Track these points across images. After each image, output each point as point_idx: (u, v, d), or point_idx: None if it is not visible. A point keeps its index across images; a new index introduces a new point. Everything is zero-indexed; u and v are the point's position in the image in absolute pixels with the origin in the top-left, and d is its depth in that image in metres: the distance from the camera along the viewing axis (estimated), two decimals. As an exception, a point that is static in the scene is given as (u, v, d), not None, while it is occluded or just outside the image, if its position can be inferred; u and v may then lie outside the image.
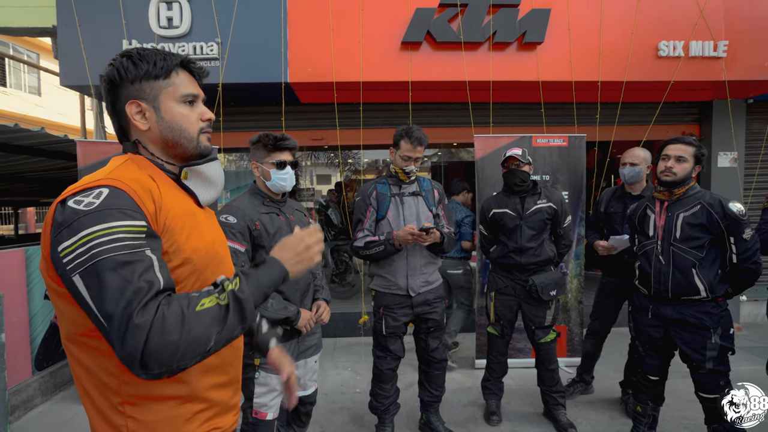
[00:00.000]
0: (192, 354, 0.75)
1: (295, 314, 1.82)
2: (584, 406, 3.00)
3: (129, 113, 0.92)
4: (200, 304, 0.77)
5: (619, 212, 2.84)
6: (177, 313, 0.73)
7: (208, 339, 0.76)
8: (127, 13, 3.74)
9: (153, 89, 0.92)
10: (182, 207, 0.92)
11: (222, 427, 0.96)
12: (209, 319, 0.76)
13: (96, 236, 0.73)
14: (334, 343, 4.42)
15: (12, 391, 2.80)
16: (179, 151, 0.96)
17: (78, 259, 0.72)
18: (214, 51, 3.79)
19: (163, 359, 0.71)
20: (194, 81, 0.99)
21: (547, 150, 3.57)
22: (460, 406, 3.03)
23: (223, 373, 0.97)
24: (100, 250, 0.72)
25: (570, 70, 3.95)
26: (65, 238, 0.74)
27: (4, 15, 4.01)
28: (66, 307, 0.82)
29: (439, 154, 7.21)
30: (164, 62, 0.93)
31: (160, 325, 0.71)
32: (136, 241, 0.76)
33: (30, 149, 3.69)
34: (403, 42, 3.89)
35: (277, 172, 1.83)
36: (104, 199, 0.77)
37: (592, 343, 3.07)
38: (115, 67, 0.91)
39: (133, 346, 0.69)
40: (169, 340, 0.71)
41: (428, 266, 2.43)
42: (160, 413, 0.86)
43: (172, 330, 0.72)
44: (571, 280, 3.65)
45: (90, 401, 0.86)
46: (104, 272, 0.71)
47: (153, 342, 0.70)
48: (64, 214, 0.75)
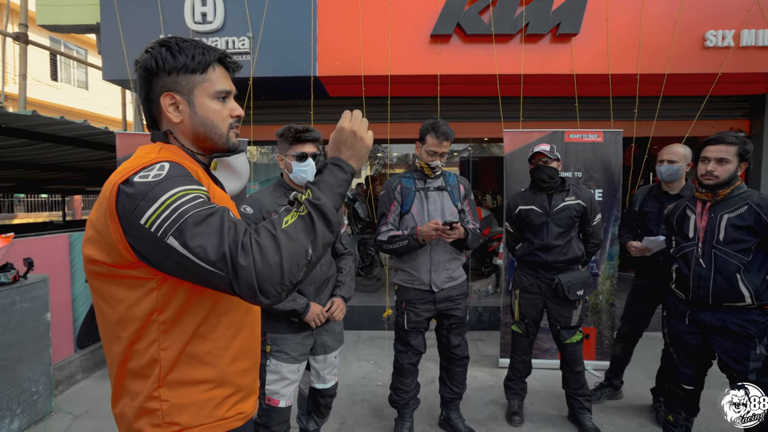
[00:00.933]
0: (297, 267, 0.79)
1: (303, 307, 1.82)
2: (612, 411, 2.90)
3: (163, 105, 0.93)
4: (284, 222, 0.81)
5: (655, 212, 2.71)
6: (269, 237, 0.77)
7: (305, 249, 0.80)
8: (164, 9, 3.87)
9: (189, 83, 0.93)
10: (215, 192, 0.97)
11: (245, 411, 0.99)
12: (298, 232, 0.80)
13: (175, 198, 0.77)
14: (358, 335, 4.46)
15: (56, 367, 2.99)
16: (209, 145, 0.98)
17: (166, 222, 0.75)
18: (245, 45, 3.86)
19: (275, 280, 0.76)
20: (228, 76, 0.99)
21: (580, 146, 3.44)
22: (482, 405, 3.00)
23: (247, 358, 1.00)
24: (184, 209, 0.76)
25: (607, 62, 3.79)
26: (146, 207, 0.76)
27: (53, 13, 4.24)
28: (124, 292, 0.83)
29: (470, 149, 7.09)
30: (203, 57, 0.93)
31: (259, 254, 0.75)
32: (209, 201, 0.81)
33: (74, 140, 3.90)
34: (432, 35, 3.83)
35: (298, 164, 1.85)
36: (169, 170, 0.81)
37: (621, 347, 2.96)
38: (152, 55, 0.91)
39: (247, 280, 0.74)
40: (272, 263, 0.76)
41: (452, 262, 2.41)
42: (195, 396, 0.89)
43: (271, 253, 0.76)
44: (604, 281, 3.52)
45: (124, 387, 0.89)
46: (196, 226, 0.75)
47: (260, 270, 0.75)
48: (135, 189, 0.77)
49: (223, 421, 0.92)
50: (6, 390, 2.45)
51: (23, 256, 2.61)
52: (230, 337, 0.94)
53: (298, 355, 1.88)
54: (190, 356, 0.88)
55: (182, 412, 0.87)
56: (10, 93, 11.16)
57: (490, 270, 5.52)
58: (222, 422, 0.92)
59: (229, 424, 0.94)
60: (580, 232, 2.66)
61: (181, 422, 0.87)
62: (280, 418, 1.85)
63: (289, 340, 1.86)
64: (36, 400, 2.65)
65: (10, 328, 2.47)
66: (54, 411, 2.81)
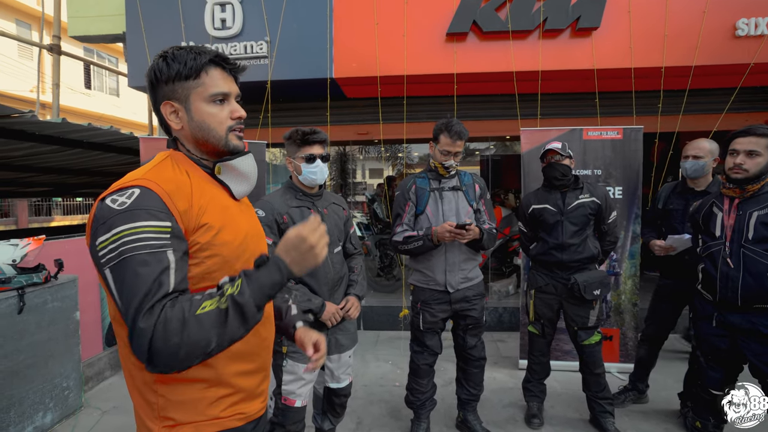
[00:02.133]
0: (193, 355, 0.80)
1: (319, 307, 1.84)
2: (637, 416, 2.81)
3: (164, 113, 0.96)
4: (201, 307, 0.81)
5: (680, 209, 2.61)
6: (178, 317, 0.78)
7: (208, 342, 0.80)
8: (185, 17, 3.98)
9: (184, 89, 0.95)
10: (216, 202, 0.96)
11: (246, 413, 1.00)
12: (209, 323, 0.80)
13: (124, 234, 0.79)
14: (377, 335, 4.47)
15: (86, 364, 3.12)
16: (210, 148, 1.00)
17: (109, 255, 0.80)
18: (263, 49, 3.93)
19: (166, 360, 0.77)
20: (228, 78, 1.00)
21: (599, 143, 3.35)
22: (501, 407, 2.96)
23: (249, 361, 1.00)
24: (126, 248, 0.79)
25: (629, 56, 3.67)
26: (101, 233, 0.81)
27: (83, 24, 4.42)
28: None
29: (492, 147, 7.00)
30: (194, 62, 0.94)
31: (162, 329, 0.76)
32: (160, 241, 0.82)
33: (103, 146, 4.06)
34: (448, 33, 3.81)
35: (307, 166, 1.86)
36: (135, 200, 0.83)
37: (646, 350, 2.86)
38: (152, 68, 0.96)
39: (140, 347, 0.76)
40: (170, 343, 0.76)
41: (467, 262, 2.38)
42: (188, 394, 0.91)
43: (173, 333, 0.77)
44: (626, 280, 3.42)
45: (130, 377, 0.93)
46: (126, 269, 0.78)
47: (156, 345, 0.76)
48: (102, 212, 0.82)
49: (217, 420, 0.94)
50: (39, 385, 2.58)
51: (54, 257, 2.73)
52: None
53: None
54: None
55: (176, 407, 0.90)
56: (46, 101, 11.71)
57: (511, 270, 5.44)
58: (217, 421, 0.94)
59: (226, 423, 0.95)
60: (596, 230, 2.60)
61: (175, 417, 0.90)
62: (295, 417, 1.87)
63: None
64: (67, 395, 2.78)
65: (42, 326, 2.60)
66: (84, 406, 2.93)
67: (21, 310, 2.44)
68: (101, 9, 4.37)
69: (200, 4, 3.95)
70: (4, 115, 2.74)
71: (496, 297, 4.92)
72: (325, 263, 1.91)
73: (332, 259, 1.95)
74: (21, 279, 2.48)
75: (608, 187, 3.35)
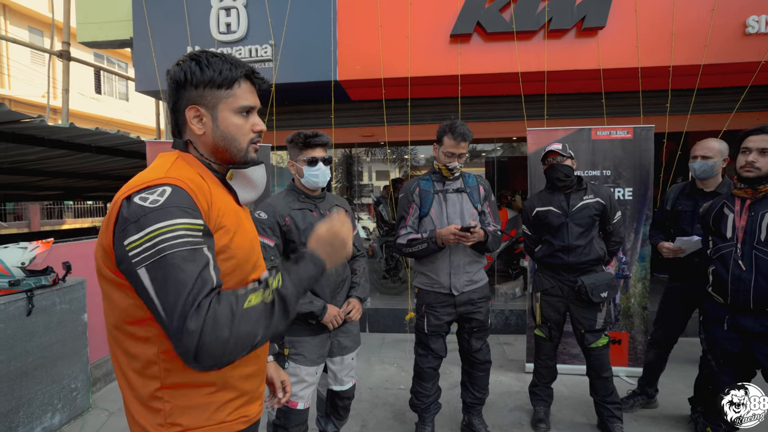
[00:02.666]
0: (241, 348, 0.79)
1: (321, 309, 1.83)
2: (646, 421, 2.76)
3: (188, 117, 0.95)
4: (247, 301, 0.81)
5: (689, 211, 2.56)
6: (227, 312, 0.77)
7: (255, 334, 0.81)
8: (191, 21, 4.02)
9: (214, 97, 0.94)
10: (229, 206, 0.97)
11: (249, 415, 1.00)
12: (257, 316, 0.81)
13: (161, 232, 0.77)
14: (382, 338, 4.45)
15: (93, 365, 3.14)
16: (227, 157, 0.99)
17: (145, 253, 0.77)
18: (268, 53, 3.96)
19: (215, 354, 0.76)
20: (254, 91, 1.01)
21: (608, 143, 3.31)
22: (507, 411, 2.92)
23: (252, 363, 1.01)
24: (166, 246, 0.77)
25: (636, 55, 3.63)
26: (132, 232, 0.78)
27: (91, 31, 4.49)
28: (119, 297, 0.86)
29: (499, 149, 6.96)
30: (230, 72, 0.94)
31: (211, 324, 0.75)
32: (196, 239, 0.81)
33: (110, 150, 4.11)
34: (452, 35, 3.80)
35: (309, 169, 1.86)
36: (168, 197, 0.81)
37: (655, 353, 2.81)
38: (182, 68, 0.94)
39: (188, 344, 0.75)
40: (220, 338, 0.76)
41: (472, 265, 2.36)
42: (195, 399, 0.90)
43: (223, 328, 0.76)
44: (635, 283, 3.37)
45: (128, 385, 0.91)
46: (168, 267, 0.76)
47: (205, 340, 0.75)
48: (131, 210, 0.79)
49: (224, 424, 0.94)
50: (48, 386, 2.60)
51: (62, 260, 2.76)
52: None
53: (316, 358, 1.90)
54: None
55: (184, 413, 0.89)
56: (57, 106, 11.91)
57: (518, 272, 5.39)
58: (223, 425, 0.93)
59: (231, 427, 0.95)
60: (601, 231, 2.57)
61: (183, 423, 0.89)
62: (298, 419, 1.87)
63: (306, 343, 1.88)
64: (75, 396, 2.80)
65: (51, 327, 2.63)
66: (91, 407, 2.95)
67: (30, 312, 2.47)
68: (109, 15, 4.43)
69: (206, 9, 3.99)
70: (14, 120, 2.78)
71: (502, 299, 4.88)
72: None
73: None
74: (30, 281, 2.51)
75: (618, 188, 3.31)
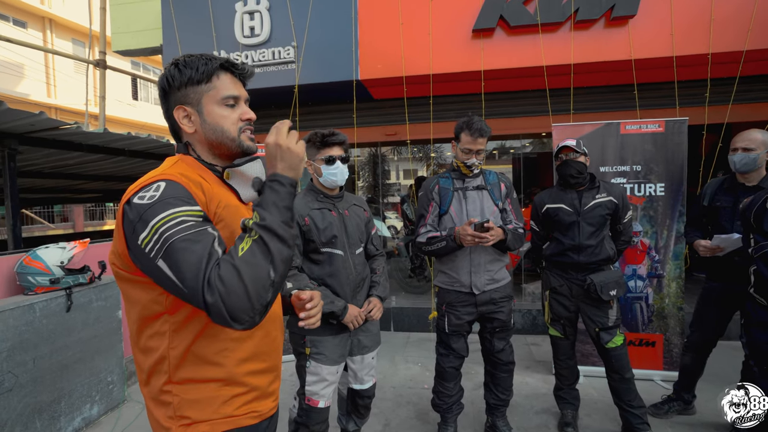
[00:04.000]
0: (263, 289, 0.81)
1: (342, 309, 1.84)
2: (682, 428, 2.63)
3: (177, 117, 0.99)
4: (240, 249, 0.83)
5: (729, 207, 2.42)
6: (229, 269, 0.80)
7: (266, 271, 0.82)
8: (217, 27, 4.13)
9: (196, 93, 0.99)
10: (230, 202, 1.00)
11: (259, 411, 1.02)
12: (254, 257, 0.82)
13: (163, 222, 0.82)
14: (407, 337, 4.44)
15: (128, 360, 3.29)
16: (224, 150, 1.02)
17: (156, 246, 0.81)
18: (290, 55, 4.01)
19: (244, 307, 0.79)
20: (237, 82, 1.04)
21: (638, 137, 3.16)
22: (533, 413, 2.85)
23: (260, 360, 1.02)
24: (170, 233, 0.81)
25: (670, 43, 3.45)
26: (140, 230, 0.82)
27: (124, 40, 4.69)
28: (138, 294, 0.91)
29: (527, 145, 6.80)
30: (205, 67, 0.98)
31: (223, 288, 0.78)
32: (197, 221, 0.85)
33: (142, 153, 4.28)
34: (474, 30, 3.73)
35: (327, 168, 1.87)
36: (163, 191, 0.86)
37: (691, 357, 2.67)
38: (165, 75, 0.99)
39: (218, 313, 0.78)
40: (238, 292, 0.78)
41: (494, 263, 2.32)
42: (203, 393, 0.94)
43: (234, 283, 0.79)
44: (669, 283, 3.21)
45: (144, 380, 0.97)
46: (179, 252, 0.80)
47: (228, 303, 0.78)
48: (133, 212, 0.84)
49: (232, 418, 0.96)
50: (87, 378, 2.74)
51: (98, 259, 2.90)
52: (238, 340, 0.97)
53: (337, 357, 1.91)
54: (197, 356, 0.93)
55: (192, 406, 0.93)
56: (96, 113, 12.55)
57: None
58: (231, 419, 0.96)
59: (239, 422, 0.97)
60: (610, 230, 2.50)
61: (191, 416, 0.93)
62: (319, 417, 1.88)
63: (327, 342, 1.89)
64: (111, 389, 2.94)
65: (88, 323, 2.77)
66: (127, 400, 3.09)
67: (69, 308, 2.61)
68: (140, 24, 4.62)
69: (230, 14, 4.09)
70: (53, 127, 2.95)
71: (530, 299, 4.77)
72: (347, 264, 1.92)
73: (354, 260, 1.95)
74: (68, 279, 2.65)
75: (649, 183, 3.17)
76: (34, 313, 2.42)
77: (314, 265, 1.91)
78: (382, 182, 6.86)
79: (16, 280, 2.55)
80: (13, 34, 10.06)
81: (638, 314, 3.26)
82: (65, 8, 15.66)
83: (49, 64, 15.12)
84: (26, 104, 12.25)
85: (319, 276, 1.89)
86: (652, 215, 3.20)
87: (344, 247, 1.92)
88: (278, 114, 4.36)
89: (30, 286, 2.53)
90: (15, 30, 13.64)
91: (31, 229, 13.79)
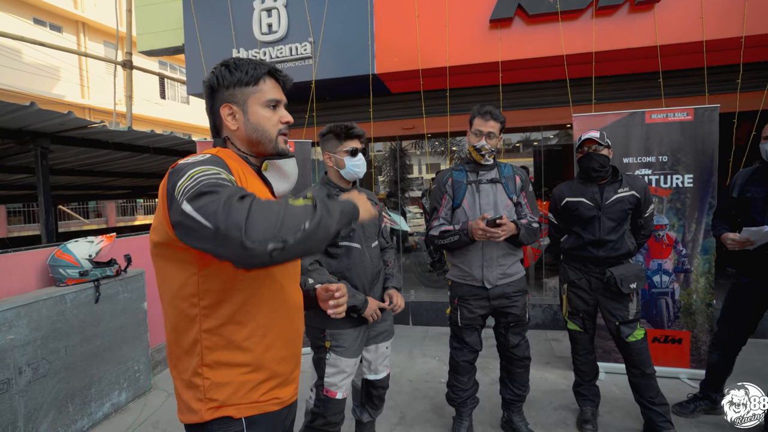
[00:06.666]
0: (293, 226, 0.77)
1: (363, 302, 1.86)
2: (709, 428, 2.53)
3: (222, 115, 1.06)
4: (292, 200, 0.84)
5: (760, 198, 2.30)
6: (271, 203, 0.79)
7: (302, 220, 0.79)
8: (236, 25, 4.20)
9: (243, 94, 1.06)
10: (263, 193, 1.05)
11: (281, 398, 1.06)
12: (301, 210, 0.81)
13: (201, 172, 0.84)
14: (425, 331, 4.44)
15: (154, 350, 3.42)
16: (261, 149, 1.09)
17: (189, 190, 0.80)
18: (307, 50, 4.04)
19: (266, 228, 0.74)
20: (278, 87, 1.11)
21: (665, 127, 3.03)
22: (551, 409, 2.81)
23: (284, 348, 1.07)
24: (205, 180, 0.82)
25: (700, 27, 3.28)
26: (178, 179, 0.84)
27: (148, 40, 4.84)
28: (174, 272, 0.95)
29: (551, 137, 6.63)
30: (254, 71, 1.05)
31: (257, 204, 0.77)
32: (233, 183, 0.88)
33: (167, 150, 4.42)
34: (491, 20, 3.66)
35: (351, 160, 1.88)
36: (207, 158, 0.93)
37: (719, 355, 2.56)
38: (215, 74, 1.06)
39: (236, 219, 0.74)
40: (269, 215, 0.76)
41: (507, 257, 2.28)
42: (231, 377, 0.98)
43: (269, 206, 0.78)
44: (698, 278, 3.08)
45: (174, 363, 1.02)
46: (206, 193, 0.79)
47: (254, 217, 0.75)
48: (177, 167, 0.89)
49: (257, 404, 1.00)
50: (115, 366, 2.87)
51: (124, 252, 3.02)
52: (267, 326, 1.01)
53: (355, 349, 1.94)
54: (228, 340, 0.97)
55: (221, 390, 0.97)
56: (123, 112, 13.03)
57: (568, 266, 5.13)
58: (256, 405, 1.00)
59: (264, 407, 1.01)
60: (631, 224, 2.42)
61: (219, 399, 0.97)
62: (336, 408, 1.92)
63: (347, 335, 1.92)
64: (138, 377, 3.07)
65: (116, 314, 2.89)
66: (153, 388, 3.22)
67: (97, 299, 2.74)
68: (163, 24, 4.75)
69: (248, 12, 4.15)
70: (81, 126, 3.07)
71: (550, 293, 4.68)
72: (364, 258, 1.94)
73: (370, 253, 1.97)
74: (96, 272, 2.77)
75: (677, 175, 3.04)
76: (65, 304, 2.55)
77: (332, 259, 1.93)
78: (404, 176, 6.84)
79: (49, 273, 2.69)
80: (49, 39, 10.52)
81: (663, 310, 3.15)
82: (97, 11, 16.27)
83: (82, 66, 15.76)
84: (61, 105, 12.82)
85: (338, 270, 1.92)
86: (679, 207, 3.07)
87: (361, 241, 1.94)
88: (296, 110, 4.40)
89: (61, 278, 2.66)
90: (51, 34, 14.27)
91: (67, 225, 14.49)
